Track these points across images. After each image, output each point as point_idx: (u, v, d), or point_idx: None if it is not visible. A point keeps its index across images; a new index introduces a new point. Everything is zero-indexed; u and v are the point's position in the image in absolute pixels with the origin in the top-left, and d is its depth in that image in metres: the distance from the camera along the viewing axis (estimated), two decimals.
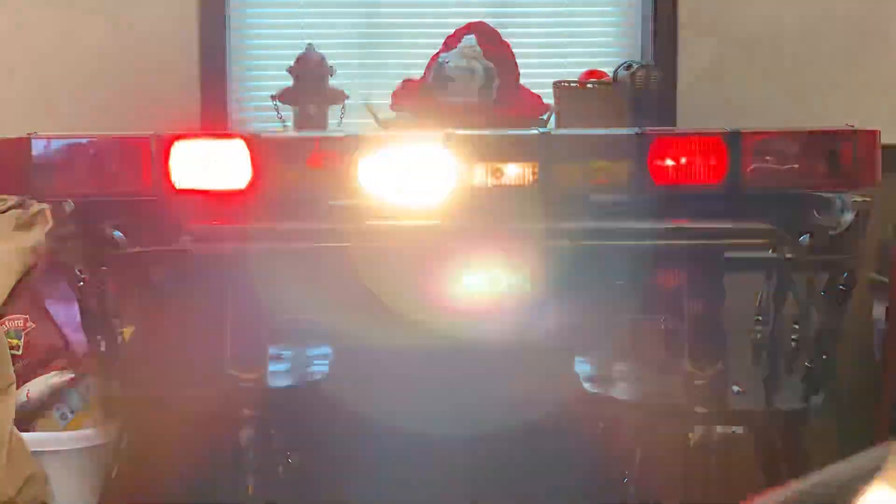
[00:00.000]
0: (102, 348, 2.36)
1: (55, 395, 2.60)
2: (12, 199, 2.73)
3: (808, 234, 2.01)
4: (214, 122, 2.92)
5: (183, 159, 1.77)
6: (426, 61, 2.53)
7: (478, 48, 2.45)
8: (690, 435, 1.85)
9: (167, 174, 1.77)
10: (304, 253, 1.81)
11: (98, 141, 1.79)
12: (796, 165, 1.76)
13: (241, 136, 1.77)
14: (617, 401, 2.32)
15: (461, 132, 1.78)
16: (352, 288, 1.87)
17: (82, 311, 2.39)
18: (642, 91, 2.14)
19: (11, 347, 2.52)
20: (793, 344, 2.30)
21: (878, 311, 2.84)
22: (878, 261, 2.87)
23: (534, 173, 1.74)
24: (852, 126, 1.79)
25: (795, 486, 0.67)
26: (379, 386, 2.97)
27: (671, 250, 1.79)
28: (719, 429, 2.10)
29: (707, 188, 1.77)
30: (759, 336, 2.48)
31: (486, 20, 2.61)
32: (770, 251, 1.76)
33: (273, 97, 2.60)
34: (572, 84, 2.67)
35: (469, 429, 3.02)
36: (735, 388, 2.32)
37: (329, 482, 2.92)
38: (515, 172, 1.75)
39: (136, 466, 2.56)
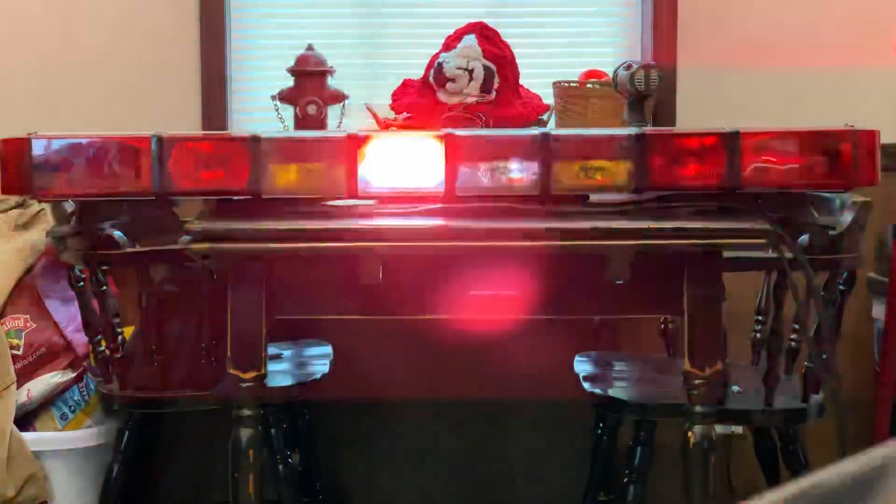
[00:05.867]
0: (102, 348, 2.37)
1: (55, 395, 2.60)
2: (12, 199, 2.73)
3: (807, 234, 2.01)
4: (214, 122, 2.92)
5: (184, 159, 1.77)
6: (426, 61, 2.53)
7: (478, 48, 2.45)
8: (690, 435, 1.84)
9: (167, 174, 1.76)
10: (304, 253, 1.81)
11: (98, 141, 1.79)
12: (795, 165, 1.76)
13: (242, 137, 1.77)
14: (617, 401, 2.32)
15: (461, 132, 1.78)
16: (352, 288, 1.87)
17: (82, 311, 2.40)
18: (642, 91, 2.14)
19: (11, 347, 2.52)
20: (793, 344, 2.30)
21: (878, 311, 2.84)
22: (878, 261, 2.87)
23: (534, 173, 1.74)
24: (852, 126, 1.79)
25: (795, 486, 0.67)
26: (379, 386, 2.98)
27: (671, 250, 1.79)
28: (719, 429, 2.10)
29: (707, 188, 1.77)
30: (759, 336, 2.48)
31: (486, 20, 2.60)
32: (770, 251, 1.75)
33: (273, 97, 2.60)
34: (572, 84, 2.68)
35: (468, 428, 3.03)
36: (735, 388, 2.32)
37: (329, 482, 2.92)
38: (515, 172, 1.75)
39: (136, 466, 2.56)
